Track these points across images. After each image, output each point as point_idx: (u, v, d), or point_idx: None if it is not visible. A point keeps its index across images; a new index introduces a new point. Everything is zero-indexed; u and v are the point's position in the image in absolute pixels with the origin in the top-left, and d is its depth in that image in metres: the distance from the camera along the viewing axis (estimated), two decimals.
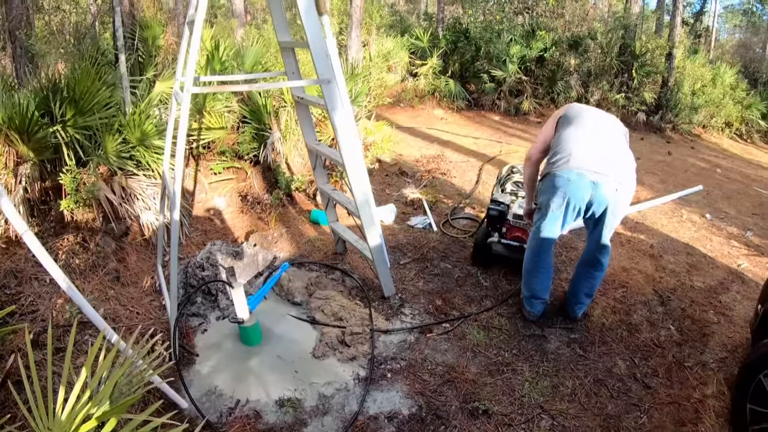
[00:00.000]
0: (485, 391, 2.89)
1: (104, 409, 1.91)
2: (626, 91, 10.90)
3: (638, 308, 3.81)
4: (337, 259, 4.26)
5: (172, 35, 6.26)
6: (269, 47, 6.41)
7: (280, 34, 3.25)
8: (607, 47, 11.07)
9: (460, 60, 11.57)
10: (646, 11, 14.73)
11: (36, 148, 3.88)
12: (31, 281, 3.49)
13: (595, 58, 11.10)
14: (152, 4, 6.44)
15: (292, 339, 3.23)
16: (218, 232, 4.59)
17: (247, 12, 14.25)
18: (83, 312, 2.39)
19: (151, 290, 3.63)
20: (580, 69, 11.00)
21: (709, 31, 20.41)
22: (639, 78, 10.99)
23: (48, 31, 8.58)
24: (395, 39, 11.65)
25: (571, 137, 3.23)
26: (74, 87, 4.05)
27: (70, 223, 3.97)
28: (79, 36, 6.20)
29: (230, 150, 5.22)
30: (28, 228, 2.37)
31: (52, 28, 8.80)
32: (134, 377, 2.11)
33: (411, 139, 8.54)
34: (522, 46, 10.71)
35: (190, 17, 3.02)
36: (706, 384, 3.06)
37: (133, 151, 4.27)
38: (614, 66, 10.92)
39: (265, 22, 15.28)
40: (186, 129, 2.62)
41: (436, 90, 11.06)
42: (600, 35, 11.25)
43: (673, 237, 5.25)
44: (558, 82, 10.92)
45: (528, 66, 10.95)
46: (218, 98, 5.07)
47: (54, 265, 2.32)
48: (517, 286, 3.86)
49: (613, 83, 11.01)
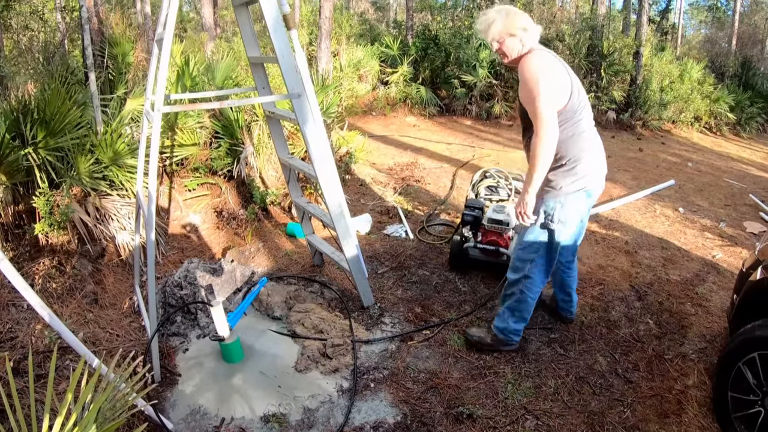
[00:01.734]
0: (469, 396, 2.92)
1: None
2: (596, 91, 11.07)
3: (616, 304, 3.87)
4: (315, 271, 4.26)
5: (141, 51, 6.21)
6: (240, 60, 6.41)
7: (249, 50, 3.25)
8: (575, 48, 11.24)
9: (431, 66, 11.67)
10: (613, 11, 14.97)
11: (7, 172, 3.82)
12: (8, 307, 3.44)
13: (563, 59, 11.26)
14: (121, 20, 6.39)
15: (273, 354, 3.22)
16: (195, 249, 4.56)
17: (217, 25, 14.19)
18: (65, 340, 2.36)
19: (130, 311, 3.59)
20: None
21: (676, 28, 20.82)
22: (608, 77, 11.18)
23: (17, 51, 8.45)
24: (365, 48, 11.68)
25: (587, 128, 2.86)
26: (45, 108, 4.00)
27: (45, 246, 3.92)
28: (49, 55, 6.11)
29: (204, 166, 5.19)
30: (4, 256, 2.35)
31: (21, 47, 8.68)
32: (117, 401, 2.10)
33: (384, 148, 8.56)
34: (491, 51, 10.81)
35: (159, 35, 3.01)
36: (687, 375, 3.11)
37: (106, 171, 4.23)
38: (583, 66, 11.08)
39: (235, 35, 15.22)
40: (158, 148, 2.61)
41: (407, 97, 11.13)
42: (568, 36, 11.42)
43: (647, 232, 5.34)
44: None
45: (498, 70, 11.08)
46: (190, 114, 5.05)
47: (32, 293, 2.30)
48: (491, 294, 3.89)
49: (582, 83, 11.17)
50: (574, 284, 3.53)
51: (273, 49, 2.86)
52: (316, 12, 12.09)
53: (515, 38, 2.73)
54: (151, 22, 9.78)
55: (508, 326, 3.21)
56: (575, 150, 2.81)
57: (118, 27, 6.16)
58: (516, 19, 2.73)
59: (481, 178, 4.69)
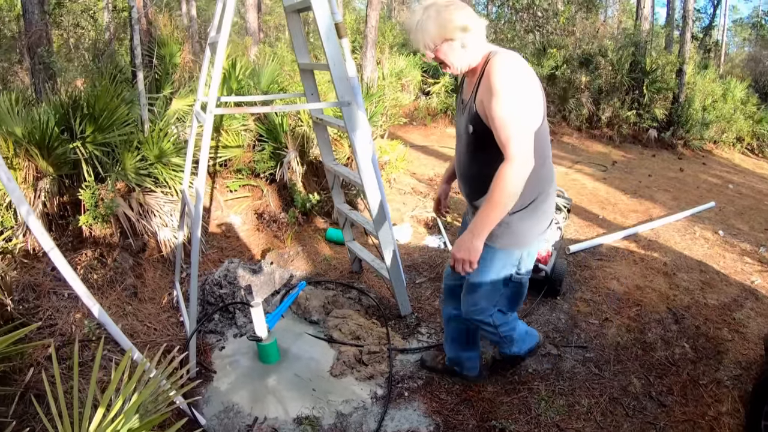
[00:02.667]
0: (502, 410, 2.89)
1: (132, 426, 1.93)
2: (637, 108, 10.91)
3: (653, 326, 3.80)
4: (353, 278, 4.28)
5: (188, 53, 6.34)
6: (283, 65, 6.49)
7: (299, 56, 3.30)
8: (618, 64, 11.10)
9: None
10: (656, 27, 14.76)
11: (55, 164, 3.93)
12: (50, 295, 3.53)
13: (605, 75, 11.12)
14: (169, 22, 6.54)
15: (309, 357, 3.24)
16: (234, 250, 4.63)
17: (261, 30, 14.41)
18: (108, 331, 2.42)
19: (168, 306, 3.66)
20: (591, 86, 11.02)
21: (719, 45, 20.43)
22: (650, 94, 11.01)
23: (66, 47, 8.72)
24: (407, 57, 11.71)
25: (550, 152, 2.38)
26: (94, 104, 4.11)
27: (88, 238, 4.01)
28: (98, 53, 6.30)
29: (246, 168, 5.27)
30: (54, 245, 2.42)
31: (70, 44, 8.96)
32: (160, 395, 2.13)
33: (424, 158, 8.56)
34: (533, 64, 10.75)
35: (212, 39, 3.07)
36: (721, 401, 3.03)
37: (152, 168, 4.32)
38: (625, 83, 10.94)
39: (278, 41, 15.44)
40: (208, 149, 2.66)
41: (448, 108, 11.10)
42: (611, 52, 11.29)
43: (686, 254, 5.23)
44: (570, 100, 10.95)
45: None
46: (235, 117, 5.13)
47: (79, 283, 2.36)
48: (528, 309, 3.85)
49: (624, 100, 11.03)
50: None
51: (317, 56, 2.89)
52: (359, 21, 12.16)
53: (453, 43, 2.07)
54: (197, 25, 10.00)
55: (522, 351, 2.91)
56: (543, 183, 2.29)
57: (166, 28, 6.31)
58: (451, 17, 2.03)
59: None
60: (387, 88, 9.78)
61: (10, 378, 2.65)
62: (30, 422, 2.46)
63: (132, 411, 1.99)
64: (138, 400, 2.02)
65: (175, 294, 3.69)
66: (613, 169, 8.75)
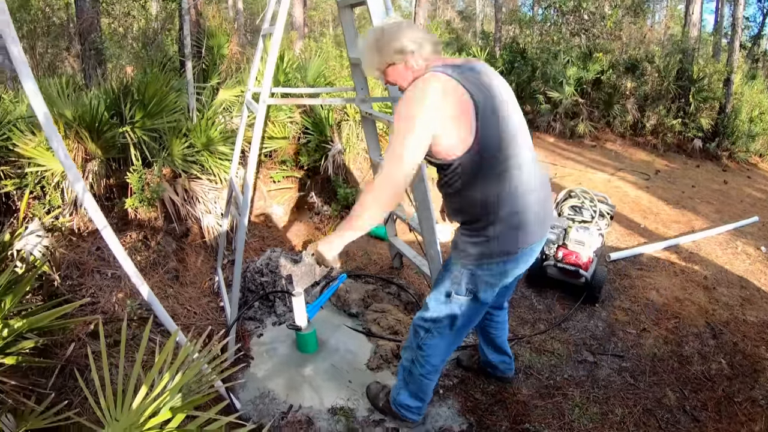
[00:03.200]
0: (536, 414, 2.88)
1: (174, 405, 1.98)
2: (683, 117, 10.64)
3: (690, 340, 3.73)
4: (393, 273, 4.30)
5: (236, 45, 6.44)
6: (328, 60, 6.53)
7: (351, 50, 3.31)
8: (665, 71, 10.85)
9: (517, 80, 11.50)
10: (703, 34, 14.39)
11: (104, 147, 4.03)
12: (93, 274, 3.62)
13: (652, 81, 10.89)
14: (217, 13, 6.65)
15: (347, 349, 3.27)
16: (275, 239, 4.69)
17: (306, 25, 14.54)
18: (155, 312, 2.47)
19: (209, 291, 3.73)
20: (637, 92, 10.80)
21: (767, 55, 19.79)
22: (696, 103, 10.72)
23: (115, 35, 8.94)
24: (452, 56, 11.62)
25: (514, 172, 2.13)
26: (144, 90, 4.21)
27: (132, 220, 4.11)
28: (147, 41, 6.44)
29: (291, 159, 5.34)
30: (107, 224, 2.48)
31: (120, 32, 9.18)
32: (204, 377, 2.18)
33: None
34: (579, 68, 10.60)
35: (265, 30, 3.11)
36: (755, 420, 2.97)
37: (198, 156, 4.41)
38: (671, 90, 10.68)
39: (322, 36, 15.54)
40: (260, 138, 2.70)
41: None
42: (657, 58, 11.04)
43: (727, 269, 5.10)
44: (614, 106, 10.75)
45: (584, 88, 10.82)
46: (282, 109, 5.20)
47: (130, 263, 2.40)
48: (567, 315, 3.82)
49: (669, 108, 10.77)
50: (505, 335, 2.97)
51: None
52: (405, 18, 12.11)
53: (397, 66, 2.08)
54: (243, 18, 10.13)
55: (400, 399, 2.63)
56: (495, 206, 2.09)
57: (215, 20, 6.42)
58: (389, 42, 2.04)
59: (566, 197, 4.61)
60: None
61: (51, 351, 2.72)
62: (68, 395, 2.53)
63: (175, 390, 2.02)
64: (181, 381, 2.06)
65: (217, 280, 3.76)
66: (656, 178, 8.57)
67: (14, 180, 3.89)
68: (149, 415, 1.91)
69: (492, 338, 2.93)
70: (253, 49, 6.77)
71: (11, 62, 1.91)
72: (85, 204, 2.28)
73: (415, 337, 2.47)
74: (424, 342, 2.43)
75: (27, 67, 1.92)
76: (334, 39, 13.81)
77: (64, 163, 2.14)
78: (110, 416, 1.91)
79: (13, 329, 2.18)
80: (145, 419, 1.89)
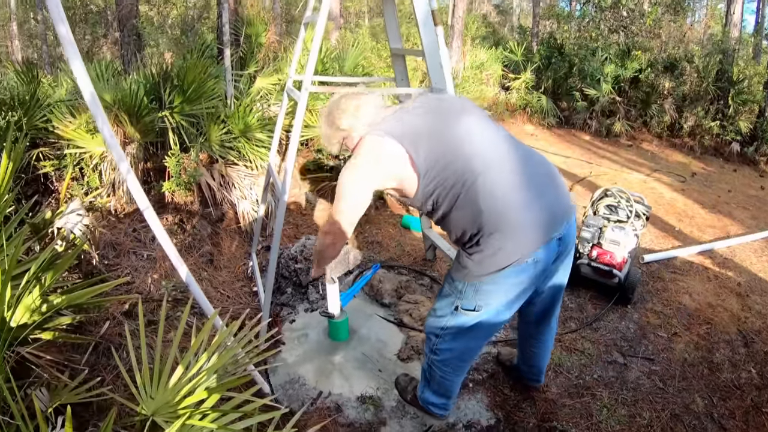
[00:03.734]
0: (563, 413, 2.87)
1: (210, 385, 2.01)
2: (721, 119, 10.39)
3: (721, 347, 3.67)
4: (426, 265, 4.31)
5: (273, 34, 6.48)
6: (364, 51, 6.54)
7: (392, 41, 3.32)
8: (704, 71, 10.60)
9: (554, 76, 11.31)
10: (743, 34, 14.01)
11: (143, 131, 4.11)
12: (129, 254, 3.70)
13: (690, 82, 10.65)
14: (255, 2, 6.70)
15: (378, 339, 3.29)
16: (309, 227, 4.73)
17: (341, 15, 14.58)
18: (193, 294, 2.51)
19: (242, 276, 3.78)
20: (675, 93, 10.58)
21: None
22: (735, 106, 10.45)
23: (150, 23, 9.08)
24: (489, 51, 11.52)
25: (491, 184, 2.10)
26: (183, 76, 4.27)
27: (169, 204, 4.19)
28: (186, 29, 6.53)
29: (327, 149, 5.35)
30: (149, 205, 2.52)
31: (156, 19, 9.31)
32: (240, 359, 2.22)
33: None
34: (617, 66, 10.40)
35: (308, 18, 3.14)
36: None
37: (235, 142, 4.47)
38: (710, 92, 10.42)
39: (357, 27, 15.54)
40: (301, 125, 2.72)
41: (527, 105, 10.85)
42: (697, 58, 10.79)
43: (761, 277, 4.99)
44: (652, 105, 10.54)
45: (622, 86, 10.62)
46: (320, 97, 5.22)
47: (171, 245, 2.44)
48: (598, 315, 3.78)
49: (707, 110, 10.52)
50: (544, 361, 2.87)
51: (403, 43, 2.89)
52: (442, 11, 12.05)
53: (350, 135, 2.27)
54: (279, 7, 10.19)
55: (425, 396, 2.60)
56: (485, 222, 2.05)
57: (253, 8, 6.47)
58: (334, 120, 2.29)
59: (602, 196, 4.54)
60: (472, 80, 9.66)
61: (86, 329, 2.79)
62: (100, 372, 2.59)
63: (212, 371, 2.06)
64: (218, 363, 2.09)
65: (251, 264, 3.80)
66: (692, 180, 8.40)
67: (53, 161, 3.99)
68: (185, 394, 1.95)
69: (530, 354, 2.83)
70: (289, 38, 6.82)
71: (48, 48, 1.94)
72: (128, 184, 2.31)
73: (428, 342, 2.45)
74: (437, 347, 2.40)
75: (74, 47, 1.95)
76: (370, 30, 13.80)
77: (109, 143, 2.17)
78: (145, 393, 1.95)
79: (52, 305, 2.22)
80: (181, 398, 1.93)
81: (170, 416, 1.88)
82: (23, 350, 2.13)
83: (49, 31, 13.79)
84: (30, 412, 1.82)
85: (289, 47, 6.36)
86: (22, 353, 2.12)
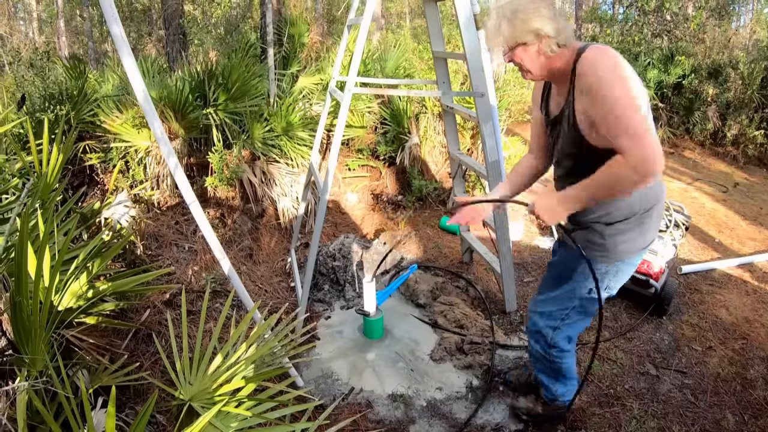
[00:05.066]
0: (592, 422, 2.85)
1: (247, 375, 2.08)
2: (766, 128, 10.11)
3: (756, 363, 3.58)
4: (462, 268, 4.33)
5: (315, 34, 6.58)
6: (405, 53, 6.58)
7: (434, 44, 3.35)
8: (749, 78, 10.31)
9: None
10: None
11: (187, 127, 4.23)
12: (171, 246, 3.81)
13: (735, 89, 10.37)
14: (298, 3, 6.80)
15: (411, 338, 3.33)
16: (348, 226, 4.80)
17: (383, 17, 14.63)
18: (238, 293, 2.59)
19: (281, 271, 3.86)
20: (719, 100, 10.32)
21: None
22: None
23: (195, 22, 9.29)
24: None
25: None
26: (228, 75, 4.38)
27: (211, 198, 4.30)
28: (231, 28, 6.67)
29: (367, 149, 5.45)
30: (195, 198, 2.62)
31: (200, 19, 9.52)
32: (278, 351, 2.28)
33: None
34: (660, 71, 10.19)
35: (351, 20, 3.20)
36: None
37: (277, 140, 4.56)
38: (755, 99, 10.14)
39: (399, 28, 15.57)
40: (344, 125, 2.78)
41: None
42: (742, 65, 10.51)
43: None
44: (695, 112, 10.30)
45: (665, 92, 10.41)
46: (361, 98, 5.30)
47: (214, 238, 2.53)
48: (633, 324, 3.75)
49: (752, 118, 10.24)
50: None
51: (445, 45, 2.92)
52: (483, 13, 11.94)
53: (530, 48, 1.86)
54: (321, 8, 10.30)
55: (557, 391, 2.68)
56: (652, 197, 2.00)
57: (296, 9, 6.58)
58: (526, 20, 1.81)
59: None
60: (511, 83, 9.60)
61: (127, 316, 2.91)
62: (139, 358, 2.69)
63: (249, 361, 2.13)
64: (257, 354, 2.16)
65: (289, 260, 3.88)
66: (735, 191, 8.20)
67: (99, 154, 4.15)
68: (222, 382, 2.02)
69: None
70: (331, 39, 6.90)
71: (94, 44, 2.05)
72: (176, 178, 2.40)
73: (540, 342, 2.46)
74: (554, 341, 2.41)
75: (127, 46, 2.07)
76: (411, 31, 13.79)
77: (160, 139, 2.27)
78: (184, 379, 2.03)
79: (98, 291, 2.31)
80: (218, 386, 2.00)
81: (207, 402, 1.95)
82: (68, 333, 2.24)
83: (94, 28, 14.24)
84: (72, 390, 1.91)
85: (332, 47, 6.45)
86: (66, 336, 2.22)
